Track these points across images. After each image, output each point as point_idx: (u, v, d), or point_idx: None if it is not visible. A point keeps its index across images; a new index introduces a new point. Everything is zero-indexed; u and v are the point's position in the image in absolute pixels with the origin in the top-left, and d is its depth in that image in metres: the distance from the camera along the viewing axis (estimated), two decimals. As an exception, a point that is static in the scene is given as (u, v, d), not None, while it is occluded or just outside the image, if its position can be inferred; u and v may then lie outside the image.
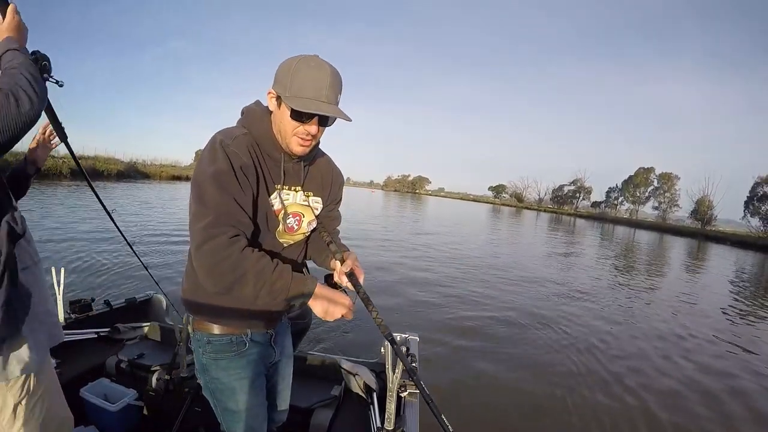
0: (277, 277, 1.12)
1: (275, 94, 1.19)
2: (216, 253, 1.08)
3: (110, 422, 2.18)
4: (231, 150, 1.16)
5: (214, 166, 1.13)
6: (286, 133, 1.21)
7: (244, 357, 1.39)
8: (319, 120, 1.19)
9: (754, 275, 17.33)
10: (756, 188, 48.86)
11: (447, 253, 12.42)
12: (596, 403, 3.92)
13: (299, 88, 1.13)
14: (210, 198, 1.12)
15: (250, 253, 1.12)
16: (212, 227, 1.09)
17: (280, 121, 1.21)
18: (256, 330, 1.41)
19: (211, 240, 1.09)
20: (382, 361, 2.44)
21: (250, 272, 1.10)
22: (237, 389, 1.38)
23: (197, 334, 1.38)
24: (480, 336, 5.43)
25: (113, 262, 6.93)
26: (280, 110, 1.19)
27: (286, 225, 1.33)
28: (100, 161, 34.03)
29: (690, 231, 49.09)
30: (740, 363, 5.51)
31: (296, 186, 1.34)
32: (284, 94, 1.15)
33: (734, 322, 7.78)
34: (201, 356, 1.39)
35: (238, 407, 1.38)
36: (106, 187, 23.52)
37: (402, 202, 53.78)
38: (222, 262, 1.09)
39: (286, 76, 1.15)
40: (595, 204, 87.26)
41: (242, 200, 1.16)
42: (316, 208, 1.42)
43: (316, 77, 1.13)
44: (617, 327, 6.42)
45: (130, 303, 3.16)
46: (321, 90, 1.13)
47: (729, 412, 4.08)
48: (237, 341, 1.37)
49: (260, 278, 1.10)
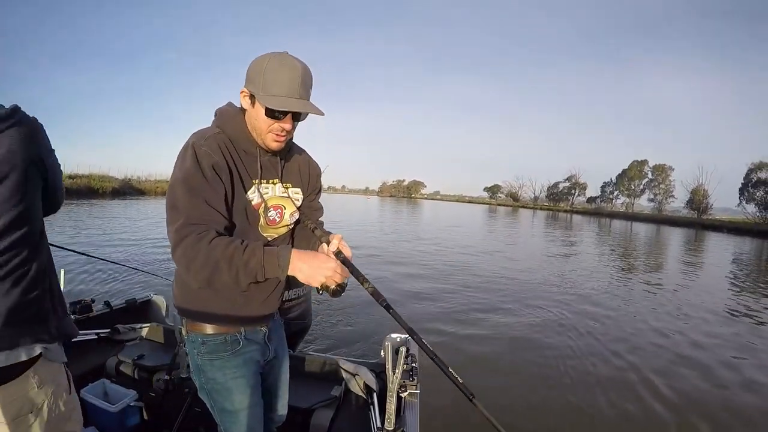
0: (248, 256, 1.12)
1: (248, 92, 1.22)
2: (187, 252, 1.11)
3: (110, 423, 2.18)
4: (202, 151, 1.19)
5: (184, 171, 1.17)
6: (261, 130, 1.25)
7: (239, 356, 1.39)
8: (293, 116, 1.23)
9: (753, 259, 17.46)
10: (750, 174, 49.06)
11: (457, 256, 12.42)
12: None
13: (272, 86, 1.16)
14: (180, 202, 1.15)
15: (219, 242, 1.13)
16: (183, 228, 1.13)
17: (255, 119, 1.24)
18: (250, 328, 1.42)
19: (182, 241, 1.12)
20: (382, 361, 2.42)
21: (222, 260, 1.11)
22: (233, 389, 1.38)
23: (191, 336, 1.39)
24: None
25: (114, 262, 6.90)
26: (254, 108, 1.23)
27: (268, 218, 1.35)
28: (94, 179, 33.98)
29: (686, 221, 49.31)
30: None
31: (274, 179, 1.38)
32: (257, 92, 1.18)
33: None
34: (196, 357, 1.40)
35: (234, 407, 1.39)
36: (101, 204, 23.47)
37: (398, 207, 53.97)
38: (195, 259, 1.11)
39: (258, 75, 1.18)
40: (591, 199, 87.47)
41: (213, 199, 1.19)
42: (296, 199, 1.45)
43: (287, 75, 1.16)
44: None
45: (130, 304, 3.18)
46: (293, 87, 1.17)
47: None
48: (231, 340, 1.38)
49: (232, 262, 1.11)
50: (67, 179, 29.90)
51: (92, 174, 36.84)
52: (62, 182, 1.24)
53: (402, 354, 1.91)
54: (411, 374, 2.03)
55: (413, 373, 2.04)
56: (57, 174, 1.19)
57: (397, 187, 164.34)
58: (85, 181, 31.87)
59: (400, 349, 1.93)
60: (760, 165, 48.25)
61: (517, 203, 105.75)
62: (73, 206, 20.35)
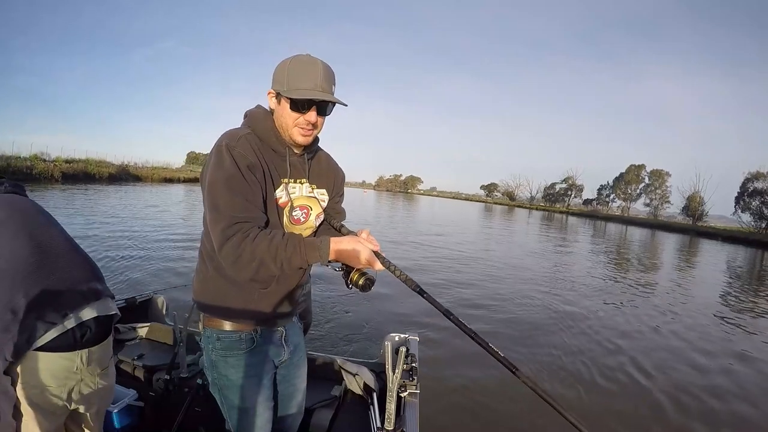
0: (291, 253, 1.20)
1: (274, 92, 1.30)
2: (233, 251, 1.18)
3: (110, 422, 2.17)
4: (237, 152, 1.24)
5: (223, 172, 1.22)
6: (287, 125, 1.31)
7: (253, 355, 1.42)
8: (318, 109, 1.29)
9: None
10: (746, 184, 49.24)
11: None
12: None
13: (296, 82, 1.24)
14: (223, 203, 1.21)
15: (262, 239, 1.19)
16: (228, 228, 1.19)
17: (281, 116, 1.31)
18: (266, 327, 1.45)
19: (228, 241, 1.18)
20: (382, 361, 2.45)
21: (267, 256, 1.18)
22: (245, 387, 1.41)
23: (207, 331, 1.42)
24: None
25: (113, 263, 6.94)
26: (281, 105, 1.30)
27: (292, 217, 1.39)
28: (91, 164, 33.82)
29: (681, 227, 49.48)
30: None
31: (302, 179, 1.42)
32: (282, 89, 1.26)
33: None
34: (210, 353, 1.42)
35: (244, 405, 1.42)
36: (98, 190, 23.34)
37: (395, 202, 53.89)
38: (241, 257, 1.18)
39: (282, 75, 1.26)
40: (587, 201, 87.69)
41: (253, 198, 1.25)
42: (322, 200, 1.50)
43: (309, 71, 1.24)
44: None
45: (130, 303, 3.15)
46: (315, 81, 1.24)
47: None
48: (246, 338, 1.41)
49: (277, 258, 1.19)
50: (64, 164, 29.76)
51: (89, 159, 36.70)
52: None
53: (402, 354, 1.91)
54: (411, 374, 2.03)
55: (413, 373, 2.04)
56: None
57: (394, 181, 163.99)
58: (81, 166, 31.65)
59: (400, 349, 1.93)
60: (756, 175, 48.46)
61: (513, 203, 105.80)
62: (71, 191, 20.22)
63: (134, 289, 5.46)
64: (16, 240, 1.31)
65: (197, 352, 2.57)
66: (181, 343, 2.25)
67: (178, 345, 2.23)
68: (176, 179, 44.04)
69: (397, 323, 5.32)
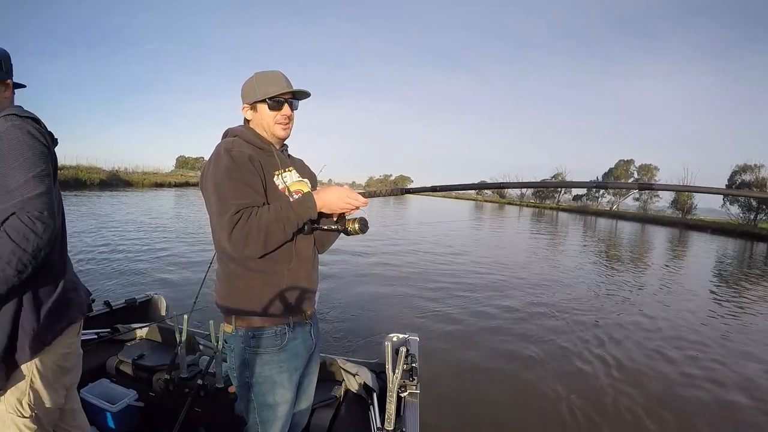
0: (287, 211, 1.37)
1: (248, 105, 1.52)
2: (242, 231, 1.31)
3: (110, 423, 2.19)
4: (235, 152, 1.40)
5: (224, 166, 1.37)
6: (269, 124, 1.51)
7: (286, 351, 1.48)
8: (290, 105, 1.51)
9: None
10: (734, 176, 49.54)
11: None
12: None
13: (267, 88, 1.47)
14: (227, 192, 1.34)
15: (262, 211, 1.35)
16: (234, 214, 1.31)
17: (261, 119, 1.51)
18: (297, 318, 1.51)
19: (236, 225, 1.30)
20: (382, 361, 2.47)
21: (271, 222, 1.34)
22: (278, 383, 1.47)
23: (239, 331, 1.46)
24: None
25: (114, 263, 6.93)
26: (258, 112, 1.51)
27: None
28: (82, 170, 33.33)
29: (671, 220, 49.79)
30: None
31: (289, 168, 1.60)
32: (257, 97, 1.48)
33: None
34: (243, 352, 1.46)
35: (276, 401, 1.47)
36: (90, 196, 23.08)
37: (386, 200, 53.71)
38: (250, 232, 1.31)
39: (252, 88, 1.50)
40: (577, 197, 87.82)
41: (254, 184, 1.40)
42: (308, 186, 1.65)
43: (274, 76, 1.49)
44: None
45: (130, 304, 3.16)
46: (281, 83, 1.48)
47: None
48: (280, 333, 1.46)
49: (278, 220, 1.35)
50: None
51: (80, 165, 36.27)
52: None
53: (402, 354, 1.94)
54: (411, 374, 2.06)
55: (413, 373, 2.07)
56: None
57: (384, 181, 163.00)
58: (72, 173, 31.21)
59: (400, 349, 1.96)
60: (744, 167, 48.85)
61: (504, 200, 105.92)
62: (69, 199, 19.99)
63: (134, 290, 5.46)
64: None
65: (197, 352, 2.59)
66: (180, 344, 2.26)
67: (178, 345, 2.24)
68: (167, 183, 43.67)
69: (397, 323, 5.34)
